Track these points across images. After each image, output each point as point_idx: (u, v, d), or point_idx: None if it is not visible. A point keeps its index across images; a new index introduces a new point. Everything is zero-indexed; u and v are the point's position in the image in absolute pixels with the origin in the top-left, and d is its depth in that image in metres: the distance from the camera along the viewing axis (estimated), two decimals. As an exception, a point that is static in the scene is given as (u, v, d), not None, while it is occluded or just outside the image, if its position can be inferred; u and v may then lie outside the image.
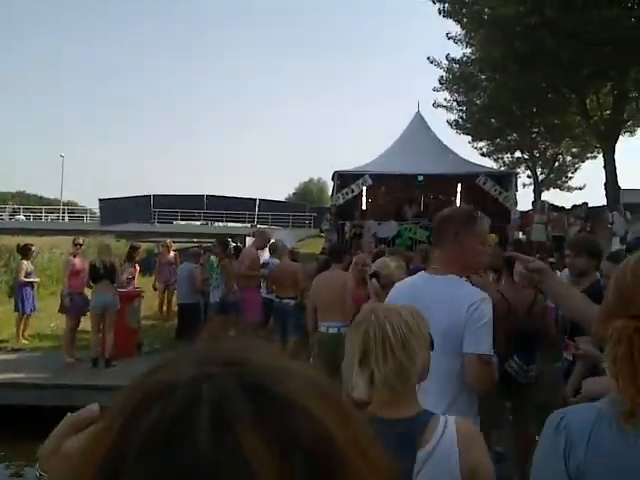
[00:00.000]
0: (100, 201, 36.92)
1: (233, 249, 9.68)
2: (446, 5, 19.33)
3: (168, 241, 12.03)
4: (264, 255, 8.74)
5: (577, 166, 30.45)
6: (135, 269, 9.59)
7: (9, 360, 8.27)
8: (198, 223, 36.82)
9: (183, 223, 36.32)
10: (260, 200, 37.34)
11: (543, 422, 1.28)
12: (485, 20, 17.72)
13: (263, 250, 8.66)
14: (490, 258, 5.52)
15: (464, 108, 26.22)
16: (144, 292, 9.37)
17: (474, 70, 22.43)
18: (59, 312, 8.69)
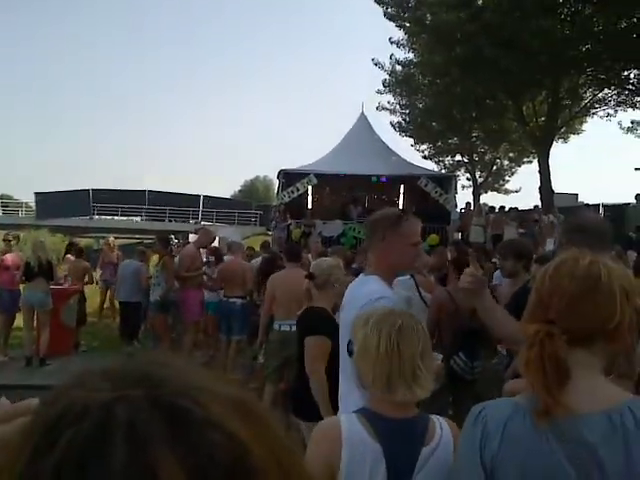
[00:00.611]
0: (36, 195, 35.45)
1: (175, 246, 9.52)
2: (390, 9, 19.63)
3: (111, 239, 11.67)
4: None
5: (514, 170, 31.44)
6: (85, 264, 9.26)
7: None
8: (139, 219, 35.86)
9: (124, 219, 35.32)
10: (204, 197, 36.79)
11: None
12: (427, 25, 18.09)
13: (206, 248, 8.58)
14: (437, 258, 5.68)
15: (407, 111, 26.68)
16: (82, 290, 9.09)
17: (416, 74, 22.85)
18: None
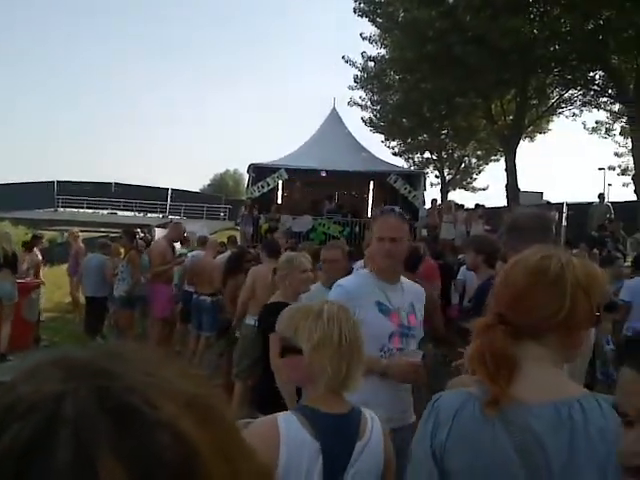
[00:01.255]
0: (-5, 185, 34.55)
1: (141, 240, 9.37)
2: (362, 5, 19.62)
3: (75, 230, 11.41)
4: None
5: (481, 168, 31.79)
6: (38, 259, 9.06)
7: None
8: (105, 212, 35.24)
9: (90, 211, 34.66)
10: (172, 190, 36.38)
11: None
12: (399, 22, 18.14)
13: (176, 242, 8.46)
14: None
15: (378, 107, 26.77)
16: (44, 283, 8.89)
17: (388, 70, 22.93)
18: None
